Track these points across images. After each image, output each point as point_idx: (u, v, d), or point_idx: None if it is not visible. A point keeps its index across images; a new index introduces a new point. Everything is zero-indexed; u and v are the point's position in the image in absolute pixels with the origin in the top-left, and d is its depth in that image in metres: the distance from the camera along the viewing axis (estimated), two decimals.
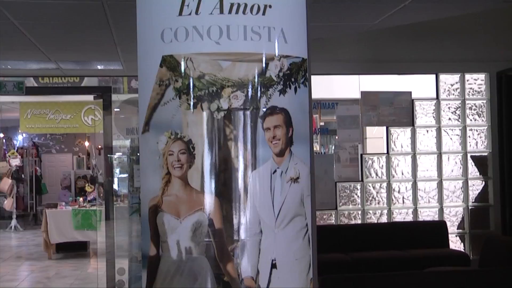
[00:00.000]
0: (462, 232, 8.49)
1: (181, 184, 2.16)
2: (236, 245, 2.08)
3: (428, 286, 4.58)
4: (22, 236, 15.54)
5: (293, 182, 2.24)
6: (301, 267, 2.19)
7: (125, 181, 9.02)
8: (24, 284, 9.69)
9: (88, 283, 9.26)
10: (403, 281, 4.65)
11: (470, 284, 4.69)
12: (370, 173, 8.33)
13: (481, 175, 8.47)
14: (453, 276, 4.81)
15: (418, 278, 4.65)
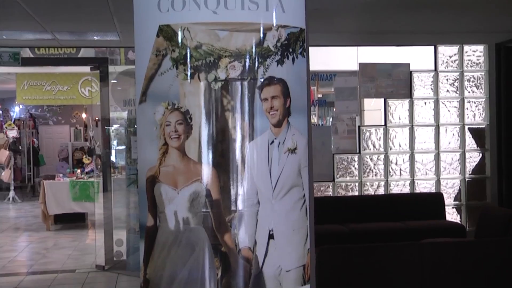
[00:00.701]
0: (458, 204, 8.53)
1: (178, 154, 2.15)
2: (234, 216, 2.08)
3: (424, 257, 4.62)
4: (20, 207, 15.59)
5: (290, 153, 2.23)
6: (298, 237, 2.20)
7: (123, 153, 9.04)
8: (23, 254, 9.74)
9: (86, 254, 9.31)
10: (400, 252, 4.68)
11: (466, 254, 4.73)
12: (368, 145, 8.34)
13: (479, 147, 8.48)
14: (449, 247, 4.84)
15: (414, 249, 4.68)
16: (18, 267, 8.65)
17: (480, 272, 4.65)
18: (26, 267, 8.65)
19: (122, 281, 7.57)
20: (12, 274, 8.08)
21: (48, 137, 20.61)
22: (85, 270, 8.24)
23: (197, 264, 2.04)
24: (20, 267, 8.67)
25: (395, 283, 4.57)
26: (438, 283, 4.58)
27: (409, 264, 4.60)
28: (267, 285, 2.06)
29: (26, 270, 8.44)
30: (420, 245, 4.74)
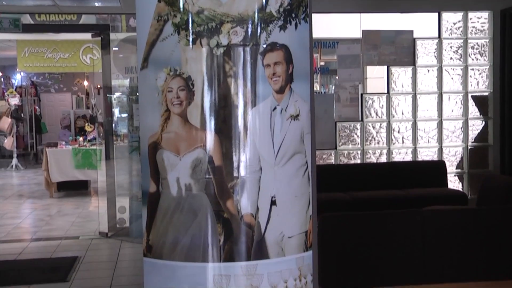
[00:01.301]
0: (460, 172, 8.54)
1: (180, 121, 2.14)
2: (236, 182, 2.08)
3: (426, 225, 4.63)
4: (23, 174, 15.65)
5: (293, 119, 2.22)
6: (300, 204, 2.20)
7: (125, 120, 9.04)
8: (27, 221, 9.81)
9: (89, 221, 9.37)
10: (402, 220, 4.70)
11: (468, 222, 4.74)
12: (370, 113, 8.31)
13: (481, 115, 8.46)
14: (451, 214, 4.86)
15: (416, 216, 4.69)
16: (22, 234, 8.72)
17: (481, 240, 4.67)
18: (30, 234, 8.72)
19: (125, 247, 7.63)
20: (17, 241, 8.14)
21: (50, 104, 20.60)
22: (89, 236, 8.30)
23: (199, 230, 2.05)
24: (24, 234, 8.74)
25: (397, 250, 4.59)
26: (439, 251, 4.61)
27: (410, 232, 4.62)
28: (269, 251, 2.07)
29: (30, 236, 8.50)
30: (421, 213, 4.75)
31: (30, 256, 7.23)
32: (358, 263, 4.58)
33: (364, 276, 4.57)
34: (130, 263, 6.99)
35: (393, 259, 4.58)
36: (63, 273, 6.31)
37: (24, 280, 6.10)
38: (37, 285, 5.98)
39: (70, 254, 7.20)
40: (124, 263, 6.94)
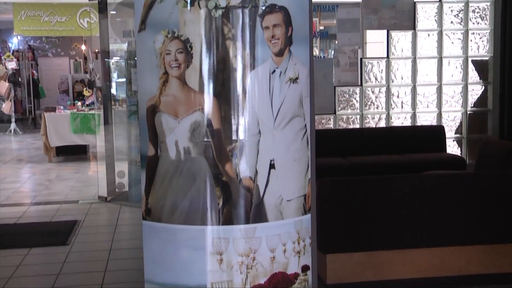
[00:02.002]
0: (459, 137, 8.54)
1: (178, 84, 2.13)
2: (235, 146, 2.07)
3: (424, 189, 4.65)
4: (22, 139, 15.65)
5: (292, 82, 2.21)
6: (299, 168, 2.20)
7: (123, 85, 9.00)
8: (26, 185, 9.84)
9: (88, 186, 9.40)
10: (400, 184, 4.71)
11: (466, 187, 4.76)
12: (370, 77, 8.27)
13: (481, 80, 8.42)
14: (449, 179, 4.87)
15: (415, 181, 4.70)
16: (22, 198, 8.75)
17: (479, 205, 4.69)
18: (30, 198, 8.75)
19: (124, 212, 7.67)
20: (16, 205, 8.18)
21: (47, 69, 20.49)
22: (88, 201, 8.33)
23: (198, 194, 2.05)
24: (23, 198, 8.77)
25: (395, 215, 4.62)
26: (437, 215, 4.63)
27: (409, 196, 4.63)
28: (268, 214, 2.07)
29: (29, 200, 8.54)
30: (420, 177, 4.76)
31: (30, 220, 7.27)
32: (356, 227, 4.60)
33: (362, 240, 4.60)
34: (130, 227, 7.03)
35: (391, 224, 4.61)
36: (63, 237, 6.35)
37: (24, 244, 6.14)
38: (37, 248, 6.02)
39: (70, 218, 7.24)
40: (123, 227, 6.99)
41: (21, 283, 5.04)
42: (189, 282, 2.03)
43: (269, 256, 2.05)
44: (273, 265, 2.06)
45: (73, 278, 5.11)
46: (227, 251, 2.01)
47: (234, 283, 2.00)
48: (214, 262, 2.00)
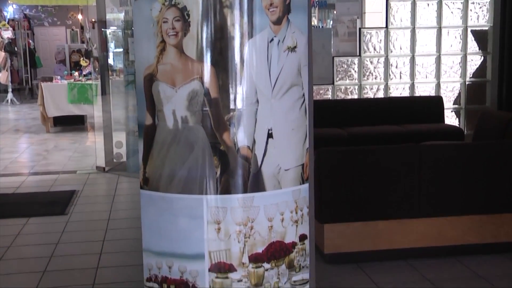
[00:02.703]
0: (457, 108, 8.53)
1: (176, 52, 2.10)
2: (233, 115, 2.06)
3: (422, 159, 4.65)
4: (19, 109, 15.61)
5: (290, 51, 2.19)
6: (297, 137, 2.19)
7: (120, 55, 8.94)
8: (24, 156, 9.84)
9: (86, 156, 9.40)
10: (398, 154, 4.71)
11: (464, 157, 4.76)
12: (368, 47, 8.22)
13: (480, 50, 8.37)
14: (447, 149, 4.87)
15: (412, 151, 4.70)
16: (19, 168, 8.76)
17: (477, 175, 4.70)
18: (28, 168, 8.76)
19: (122, 182, 7.68)
20: (14, 175, 8.19)
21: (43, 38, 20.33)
22: (86, 171, 8.34)
23: (196, 163, 2.05)
24: (21, 168, 8.77)
25: (393, 185, 4.63)
26: (435, 185, 4.64)
27: (407, 166, 4.64)
28: (265, 183, 2.07)
29: (27, 171, 8.54)
30: (418, 147, 4.76)
31: (28, 190, 7.29)
32: (354, 197, 4.62)
33: (360, 210, 4.62)
34: (128, 197, 7.05)
35: (389, 194, 4.62)
36: (61, 207, 6.37)
37: (23, 213, 6.16)
38: (35, 218, 6.04)
39: (68, 188, 7.25)
40: (121, 197, 7.00)
41: (20, 252, 5.07)
42: (187, 251, 2.03)
43: (267, 225, 2.05)
44: (270, 234, 2.06)
45: (72, 247, 5.14)
46: (225, 220, 2.01)
47: (232, 252, 2.01)
48: (212, 231, 2.01)
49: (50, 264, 4.70)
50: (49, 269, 4.60)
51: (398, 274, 4.39)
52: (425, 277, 4.31)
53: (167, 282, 2.06)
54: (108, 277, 4.42)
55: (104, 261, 4.77)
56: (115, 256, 4.91)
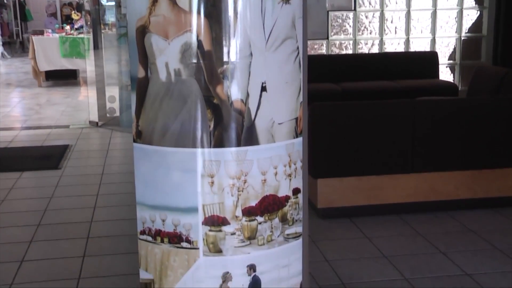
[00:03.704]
0: (452, 63, 8.50)
1: (168, 3, 2.06)
2: (226, 68, 2.03)
3: (416, 114, 4.64)
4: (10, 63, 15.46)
5: (284, 3, 2.15)
6: (291, 90, 2.17)
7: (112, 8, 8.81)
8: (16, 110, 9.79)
9: (79, 110, 9.36)
10: (392, 109, 4.71)
11: (458, 112, 4.76)
12: (363, 2, 8.13)
13: (477, 5, 8.29)
14: (441, 104, 4.86)
15: (407, 106, 4.69)
16: (12, 122, 8.72)
17: (469, 130, 4.71)
18: (20, 122, 8.72)
19: (115, 137, 7.67)
20: (7, 129, 8.15)
21: None
22: (79, 126, 8.32)
23: (189, 116, 2.03)
24: (14, 122, 8.74)
25: (386, 140, 4.63)
26: (428, 141, 4.65)
27: (400, 122, 4.64)
28: (259, 137, 2.06)
29: (20, 125, 8.51)
30: (412, 103, 4.75)
31: (21, 144, 7.27)
32: (347, 152, 4.62)
33: (353, 166, 4.63)
34: (121, 152, 7.05)
35: (382, 149, 4.63)
36: (55, 161, 6.37)
37: (16, 167, 6.16)
38: (29, 172, 6.05)
39: (61, 142, 7.24)
40: (115, 152, 7.00)
41: (14, 206, 5.09)
42: (181, 204, 2.03)
43: (260, 179, 2.05)
44: (264, 187, 2.06)
45: (66, 201, 5.15)
46: (218, 173, 2.01)
47: (225, 205, 2.01)
48: (205, 184, 2.00)
49: (45, 218, 4.72)
50: (44, 222, 4.62)
51: (390, 228, 4.44)
52: (417, 232, 4.35)
53: (161, 235, 2.07)
54: (102, 230, 4.45)
55: (98, 215, 4.79)
56: (109, 210, 4.93)
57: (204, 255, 2.03)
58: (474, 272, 3.65)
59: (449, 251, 3.98)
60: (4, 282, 3.57)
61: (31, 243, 4.20)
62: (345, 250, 4.06)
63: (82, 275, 3.67)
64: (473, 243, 4.13)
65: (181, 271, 2.05)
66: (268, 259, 2.08)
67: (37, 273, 3.71)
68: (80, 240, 4.24)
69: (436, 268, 3.73)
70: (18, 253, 4.01)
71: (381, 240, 4.21)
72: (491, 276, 3.61)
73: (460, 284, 3.50)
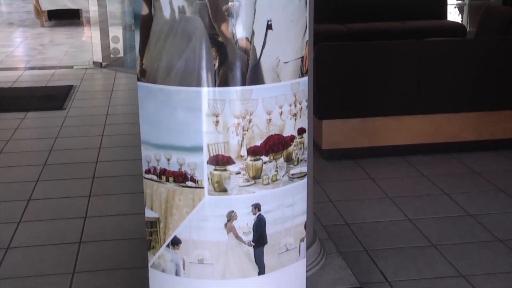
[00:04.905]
0: (461, 3, 8.35)
1: None
2: (231, 5, 1.99)
3: (423, 55, 4.59)
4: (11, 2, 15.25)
5: None
6: (297, 29, 2.13)
7: None
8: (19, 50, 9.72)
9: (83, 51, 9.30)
10: (399, 50, 4.65)
11: (464, 53, 4.70)
12: None
13: None
14: (448, 45, 4.80)
15: (413, 47, 4.63)
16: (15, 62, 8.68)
17: (476, 72, 4.66)
18: (24, 63, 8.68)
19: (120, 77, 7.64)
20: (11, 69, 8.12)
21: None
22: (83, 66, 8.28)
23: (193, 55, 2.00)
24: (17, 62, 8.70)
25: (392, 81, 4.59)
26: (434, 82, 4.61)
27: (406, 63, 4.59)
28: (264, 76, 2.04)
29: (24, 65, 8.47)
30: (418, 43, 4.68)
31: (25, 84, 7.25)
32: (352, 93, 4.60)
33: (358, 107, 4.61)
34: (125, 93, 7.03)
35: (387, 90, 4.60)
36: (59, 101, 6.36)
37: (21, 107, 6.16)
38: (34, 112, 6.05)
39: (65, 83, 7.22)
40: (119, 93, 6.99)
41: (20, 146, 5.11)
42: (185, 143, 2.03)
43: (265, 118, 2.04)
44: (269, 127, 2.05)
45: (71, 141, 5.17)
46: (223, 112, 1.99)
47: (230, 144, 2.00)
48: (210, 123, 1.99)
49: (50, 158, 4.74)
50: (49, 162, 4.65)
51: (394, 169, 4.45)
52: (421, 173, 4.37)
53: (166, 174, 2.07)
54: (107, 170, 4.48)
55: (103, 155, 4.81)
56: (114, 151, 4.95)
57: (209, 194, 2.03)
58: (477, 213, 3.68)
59: (452, 193, 4.00)
60: (12, 219, 3.62)
61: (37, 182, 4.24)
62: (349, 191, 4.08)
63: (89, 214, 3.71)
64: (477, 185, 4.14)
65: (186, 210, 2.06)
66: (272, 199, 2.09)
67: (44, 212, 3.75)
68: (86, 180, 4.27)
69: (439, 209, 3.76)
70: (25, 192, 4.05)
71: (385, 181, 4.23)
72: (493, 217, 3.64)
73: (463, 225, 3.53)
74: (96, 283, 2.92)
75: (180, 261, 2.08)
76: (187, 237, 2.06)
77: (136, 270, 2.99)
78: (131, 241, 3.33)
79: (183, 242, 2.07)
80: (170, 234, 2.09)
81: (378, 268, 3.05)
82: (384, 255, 3.18)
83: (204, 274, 2.06)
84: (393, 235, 3.42)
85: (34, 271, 3.03)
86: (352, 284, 2.75)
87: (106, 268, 3.05)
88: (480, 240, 3.35)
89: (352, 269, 2.90)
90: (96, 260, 3.14)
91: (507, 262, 3.10)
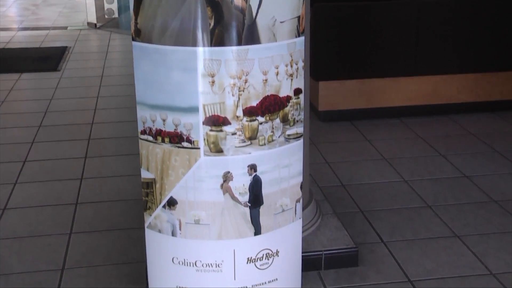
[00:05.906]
0: None
1: None
2: None
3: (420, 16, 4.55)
4: None
5: None
6: None
7: None
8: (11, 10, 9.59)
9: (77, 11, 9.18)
10: (397, 10, 4.60)
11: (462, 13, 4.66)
12: None
13: None
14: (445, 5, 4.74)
15: (411, 7, 4.58)
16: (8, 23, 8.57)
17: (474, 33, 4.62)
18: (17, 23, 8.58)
19: (114, 38, 7.56)
20: (3, 29, 8.03)
21: None
22: (77, 27, 8.19)
23: (189, 14, 1.97)
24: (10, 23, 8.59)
25: (389, 42, 4.56)
26: (431, 43, 4.58)
27: (404, 23, 4.54)
28: (260, 36, 2.01)
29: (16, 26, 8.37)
30: (416, 3, 4.62)
31: (19, 45, 7.18)
32: (349, 55, 4.56)
33: (355, 68, 4.58)
34: (120, 54, 6.97)
35: (385, 52, 4.57)
36: (54, 63, 6.31)
37: (15, 68, 6.11)
38: (28, 73, 6.00)
39: (59, 44, 7.15)
40: (114, 54, 6.93)
41: (15, 107, 5.08)
42: (181, 104, 2.01)
43: (262, 78, 2.02)
44: (265, 87, 2.03)
45: (66, 103, 5.14)
46: (219, 73, 1.97)
47: (226, 105, 1.99)
48: (206, 84, 1.97)
49: (46, 119, 4.72)
50: (45, 124, 4.63)
51: (391, 131, 4.45)
52: (418, 135, 4.37)
53: (162, 135, 2.06)
54: (103, 132, 4.47)
55: (99, 117, 4.79)
56: (109, 112, 4.93)
57: (205, 155, 2.02)
58: (473, 174, 3.69)
59: (448, 154, 4.01)
60: (8, 180, 3.62)
61: (33, 143, 4.23)
62: (346, 152, 4.08)
63: (85, 175, 3.71)
64: (473, 146, 4.15)
65: (182, 170, 2.06)
66: (268, 159, 2.08)
67: (40, 173, 3.75)
68: (82, 142, 4.26)
69: (435, 170, 3.77)
70: (20, 153, 4.04)
71: (381, 143, 4.23)
72: (489, 178, 3.65)
73: (459, 186, 3.54)
74: (93, 244, 2.93)
75: (176, 222, 2.08)
76: (183, 198, 2.06)
77: (132, 231, 3.01)
78: (127, 202, 3.34)
79: (179, 202, 2.07)
80: (166, 194, 2.09)
81: (373, 229, 3.06)
82: (379, 216, 3.19)
83: (200, 234, 2.07)
84: (389, 196, 3.43)
85: (31, 232, 3.04)
86: (347, 245, 2.77)
87: (103, 229, 3.06)
88: (475, 201, 3.37)
89: (348, 229, 2.91)
90: (92, 221, 3.16)
91: (501, 223, 3.12)
